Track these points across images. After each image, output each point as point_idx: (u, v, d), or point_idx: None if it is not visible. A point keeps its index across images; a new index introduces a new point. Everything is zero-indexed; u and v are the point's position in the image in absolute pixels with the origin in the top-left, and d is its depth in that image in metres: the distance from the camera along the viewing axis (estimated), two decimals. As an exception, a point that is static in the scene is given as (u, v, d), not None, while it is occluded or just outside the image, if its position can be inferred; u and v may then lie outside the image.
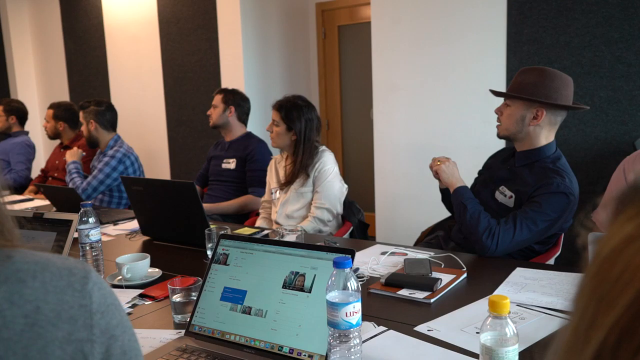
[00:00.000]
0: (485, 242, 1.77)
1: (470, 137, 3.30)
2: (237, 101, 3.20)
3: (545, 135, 1.91)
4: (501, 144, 3.18)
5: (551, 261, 1.96)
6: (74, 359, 0.57)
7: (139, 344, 0.65)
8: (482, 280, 1.62)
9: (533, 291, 1.48)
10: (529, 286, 1.52)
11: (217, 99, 3.20)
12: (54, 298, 0.57)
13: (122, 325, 0.63)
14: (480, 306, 1.39)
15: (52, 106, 3.88)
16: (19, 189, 3.88)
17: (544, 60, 2.99)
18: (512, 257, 1.87)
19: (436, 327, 1.29)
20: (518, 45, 3.06)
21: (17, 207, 3.10)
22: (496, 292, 1.49)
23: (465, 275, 1.63)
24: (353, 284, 1.04)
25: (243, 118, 3.23)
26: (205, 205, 2.80)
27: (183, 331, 1.30)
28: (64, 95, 5.57)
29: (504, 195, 1.91)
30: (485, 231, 1.78)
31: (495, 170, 2.04)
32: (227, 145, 3.21)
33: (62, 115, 3.82)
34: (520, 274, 1.62)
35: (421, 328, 1.29)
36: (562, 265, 1.71)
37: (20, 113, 4.27)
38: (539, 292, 1.47)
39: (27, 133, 4.29)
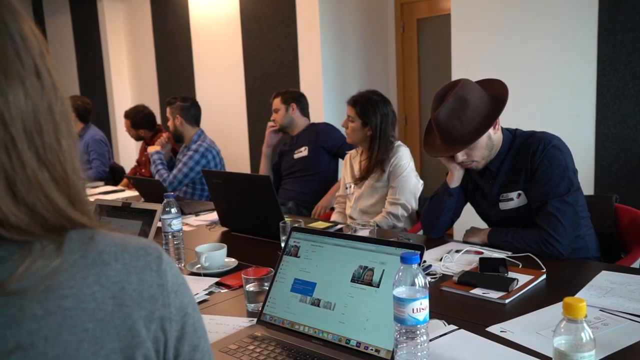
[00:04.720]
0: (551, 252, 1.71)
1: (558, 133, 3.11)
2: (296, 97, 3.30)
3: (499, 133, 1.87)
4: (591, 140, 2.99)
5: (635, 264, 1.82)
6: (156, 337, 0.60)
7: (204, 323, 0.68)
8: (563, 282, 1.54)
9: (619, 296, 1.38)
10: (615, 291, 1.42)
11: (277, 103, 3.30)
12: (136, 278, 0.59)
13: (192, 304, 0.65)
14: (560, 309, 1.32)
15: (127, 116, 4.04)
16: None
17: (639, 50, 2.78)
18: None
19: (510, 328, 1.25)
20: (611, 34, 2.86)
21: (109, 197, 3.33)
22: (577, 295, 1.41)
23: (544, 276, 1.55)
24: (421, 280, 1.02)
25: (305, 111, 3.34)
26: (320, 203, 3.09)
27: (255, 319, 1.34)
28: (153, 93, 5.90)
29: (512, 200, 1.85)
30: (540, 247, 1.72)
31: (475, 190, 1.99)
32: (295, 139, 3.31)
33: (140, 122, 4.03)
34: (605, 278, 1.52)
35: (494, 329, 1.25)
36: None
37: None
38: (626, 297, 1.38)
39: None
